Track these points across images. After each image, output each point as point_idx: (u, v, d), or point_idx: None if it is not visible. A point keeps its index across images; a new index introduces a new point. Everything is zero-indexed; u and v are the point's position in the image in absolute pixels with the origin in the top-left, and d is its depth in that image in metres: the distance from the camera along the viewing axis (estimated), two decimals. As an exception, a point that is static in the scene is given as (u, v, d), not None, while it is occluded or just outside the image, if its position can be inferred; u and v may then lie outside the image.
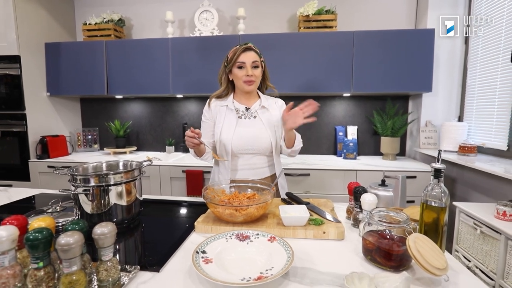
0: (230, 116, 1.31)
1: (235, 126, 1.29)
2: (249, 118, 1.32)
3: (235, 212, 0.91)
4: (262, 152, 1.32)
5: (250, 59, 1.24)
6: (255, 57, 1.25)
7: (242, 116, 1.33)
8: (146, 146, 2.95)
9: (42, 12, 2.54)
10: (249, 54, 1.24)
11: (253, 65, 1.25)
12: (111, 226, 0.65)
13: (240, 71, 1.25)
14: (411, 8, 2.52)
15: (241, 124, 1.31)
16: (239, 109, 1.34)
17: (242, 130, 1.29)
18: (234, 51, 1.26)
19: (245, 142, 1.28)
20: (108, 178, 0.92)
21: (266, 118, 1.32)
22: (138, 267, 0.71)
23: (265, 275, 0.64)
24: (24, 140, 2.43)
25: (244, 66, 1.24)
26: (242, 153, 1.30)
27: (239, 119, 1.31)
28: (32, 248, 0.57)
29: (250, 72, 1.24)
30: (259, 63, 1.27)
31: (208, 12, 2.55)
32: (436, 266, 0.63)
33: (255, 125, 1.31)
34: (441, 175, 0.77)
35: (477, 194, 1.85)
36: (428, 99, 2.41)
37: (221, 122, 1.31)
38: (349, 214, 1.04)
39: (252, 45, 1.26)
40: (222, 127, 1.30)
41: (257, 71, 1.27)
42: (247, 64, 1.23)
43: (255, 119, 1.32)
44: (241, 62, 1.24)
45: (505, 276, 1.25)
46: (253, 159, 1.31)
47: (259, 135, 1.29)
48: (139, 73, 2.49)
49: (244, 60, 1.23)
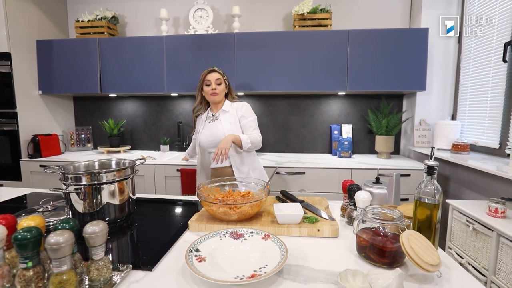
0: (201, 123, 1.73)
1: (203, 128, 1.69)
2: (213, 121, 1.68)
3: (229, 210, 0.91)
4: None
5: (214, 78, 1.64)
6: (218, 76, 1.65)
7: (210, 121, 1.69)
8: (140, 145, 2.93)
9: (33, 9, 2.50)
10: (213, 74, 1.64)
11: (217, 82, 1.64)
12: (102, 225, 0.64)
13: (208, 87, 1.65)
14: (405, 7, 2.54)
15: (207, 126, 1.69)
16: (209, 116, 1.72)
17: (206, 130, 1.67)
18: (202, 74, 1.67)
19: (209, 139, 1.64)
20: (100, 177, 0.91)
21: (225, 118, 1.66)
22: (130, 266, 0.70)
23: (258, 273, 0.64)
24: (15, 139, 2.38)
25: (210, 83, 1.64)
26: (207, 148, 1.67)
27: (208, 124, 1.69)
28: (21, 248, 0.55)
29: (214, 86, 1.63)
30: (222, 80, 1.67)
31: (203, 10, 2.54)
32: (429, 263, 0.64)
33: (216, 125, 1.66)
34: (434, 172, 0.77)
35: (470, 192, 1.87)
36: (422, 98, 2.43)
37: (198, 127, 1.76)
38: (344, 212, 1.04)
39: (216, 68, 1.68)
40: (198, 132, 1.72)
41: (220, 87, 1.65)
42: (212, 81, 1.63)
43: (217, 121, 1.67)
44: (207, 80, 1.64)
45: (496, 272, 1.26)
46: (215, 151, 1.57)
47: (217, 132, 1.63)
48: (133, 71, 2.46)
49: (210, 78, 1.64)
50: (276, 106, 2.73)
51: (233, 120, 1.65)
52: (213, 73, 1.65)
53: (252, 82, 2.37)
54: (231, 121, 1.65)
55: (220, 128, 1.63)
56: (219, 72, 1.68)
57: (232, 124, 1.64)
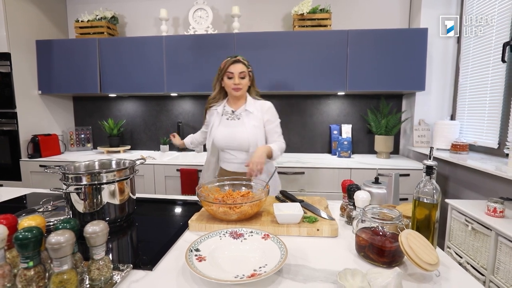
0: (217, 117, 1.53)
1: (218, 125, 1.51)
2: (233, 120, 1.50)
3: (229, 210, 0.91)
4: (241, 149, 1.48)
5: (238, 70, 1.42)
6: (242, 68, 1.44)
7: (229, 118, 1.51)
8: (140, 145, 2.93)
9: (33, 9, 2.50)
10: (237, 66, 1.42)
11: (241, 76, 1.43)
12: (102, 225, 0.64)
13: (229, 80, 1.44)
14: (404, 7, 2.54)
15: (225, 124, 1.51)
16: (227, 112, 1.53)
17: (224, 129, 1.49)
18: (225, 62, 1.45)
19: (225, 138, 1.48)
20: (101, 177, 0.91)
21: (249, 120, 1.48)
22: (130, 266, 0.70)
23: (258, 273, 0.64)
24: (15, 139, 2.38)
25: (233, 76, 1.43)
26: (223, 148, 1.51)
27: (225, 120, 1.51)
28: (22, 248, 0.56)
29: (237, 81, 1.43)
30: (246, 73, 1.46)
31: (202, 10, 2.54)
32: (428, 262, 0.64)
33: (237, 125, 1.48)
34: (433, 172, 0.78)
35: (469, 191, 1.88)
36: (421, 98, 2.44)
37: (212, 122, 1.55)
38: (343, 212, 1.05)
39: (240, 58, 1.45)
40: (212, 126, 1.53)
41: (244, 81, 1.45)
42: (235, 74, 1.42)
43: (238, 121, 1.49)
44: (230, 73, 1.43)
45: (495, 271, 1.27)
46: (233, 153, 1.50)
47: (237, 134, 1.46)
48: (133, 71, 2.46)
49: (233, 70, 1.42)
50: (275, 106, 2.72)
51: (257, 123, 1.47)
52: (238, 64, 1.43)
53: (251, 82, 2.37)
54: (255, 124, 1.46)
55: (242, 130, 1.46)
56: (244, 62, 1.45)
57: (256, 128, 1.46)
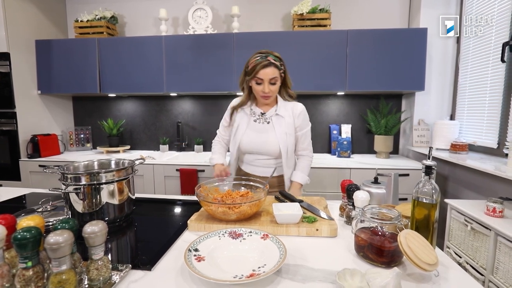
0: (245, 119, 1.40)
1: (245, 128, 1.38)
2: (262, 123, 1.38)
3: (228, 210, 0.91)
4: (270, 155, 1.39)
5: (268, 76, 1.26)
6: (274, 73, 1.27)
7: (257, 120, 1.39)
8: (140, 145, 2.93)
9: (32, 9, 2.50)
10: (267, 71, 1.25)
11: (271, 82, 1.28)
12: (101, 225, 0.64)
13: (258, 86, 1.30)
14: (404, 7, 2.55)
15: (252, 127, 1.38)
16: (256, 113, 1.40)
17: (252, 134, 1.37)
18: (254, 63, 1.27)
19: (254, 144, 1.37)
20: (100, 177, 0.91)
21: (279, 125, 1.36)
22: (129, 266, 0.70)
23: (257, 273, 0.64)
24: (14, 139, 2.38)
25: (262, 83, 1.28)
26: (251, 153, 1.40)
27: (253, 123, 1.39)
28: (20, 248, 0.55)
29: (267, 90, 1.28)
30: (278, 78, 1.30)
31: (202, 10, 2.54)
32: (427, 262, 0.64)
33: (267, 130, 1.37)
34: (432, 172, 0.78)
35: (468, 191, 1.88)
36: (420, 98, 2.44)
37: (237, 122, 1.41)
38: (342, 212, 1.05)
39: (272, 59, 1.26)
40: (237, 127, 1.40)
41: (275, 87, 1.30)
42: (265, 80, 1.27)
43: (268, 125, 1.37)
44: (259, 79, 1.27)
45: (494, 271, 1.27)
46: (260, 158, 1.40)
47: (267, 140, 1.36)
48: (132, 71, 2.46)
49: (262, 77, 1.26)
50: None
51: (289, 130, 1.35)
52: (268, 68, 1.24)
53: (251, 82, 2.37)
54: (287, 131, 1.35)
55: (272, 135, 1.35)
56: (276, 65, 1.27)
57: (287, 135, 1.35)
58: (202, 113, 2.80)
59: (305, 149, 1.43)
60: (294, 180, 1.40)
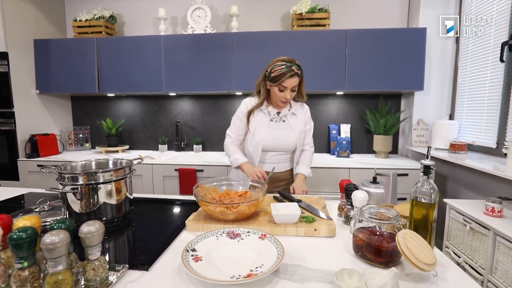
0: (264, 119, 1.48)
1: (267, 128, 1.46)
2: (279, 122, 1.49)
3: (226, 210, 0.91)
4: (286, 150, 1.52)
5: (292, 85, 1.36)
6: (296, 81, 1.37)
7: (274, 120, 1.49)
8: (139, 145, 2.92)
9: (31, 8, 2.49)
10: (292, 80, 1.35)
11: (292, 89, 1.38)
12: (98, 225, 0.63)
13: (280, 92, 1.38)
14: (403, 7, 2.54)
15: (272, 126, 1.47)
16: (271, 113, 1.49)
17: (273, 132, 1.47)
18: (279, 73, 1.33)
19: (274, 143, 1.47)
20: (97, 176, 0.91)
21: (295, 122, 1.49)
22: (126, 266, 0.70)
23: (255, 273, 0.64)
24: (12, 139, 2.38)
25: (285, 90, 1.37)
26: (270, 150, 1.50)
27: (271, 122, 1.48)
28: (16, 248, 0.55)
29: (288, 96, 1.38)
30: (297, 85, 1.40)
31: (201, 10, 2.53)
32: (425, 262, 0.64)
33: (285, 128, 1.48)
34: (430, 171, 0.78)
35: (467, 191, 1.88)
36: (420, 98, 2.44)
37: (255, 122, 1.48)
38: (341, 211, 1.05)
39: (295, 68, 1.34)
40: (255, 127, 1.47)
41: (294, 93, 1.42)
42: (288, 88, 1.37)
43: (284, 123, 1.49)
44: (283, 86, 1.36)
45: (493, 271, 1.27)
46: (278, 155, 1.52)
47: (286, 137, 1.47)
48: (131, 70, 2.46)
49: (287, 85, 1.35)
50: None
51: (302, 127, 1.51)
52: (293, 78, 1.34)
53: (250, 82, 2.35)
54: (301, 128, 1.50)
55: (289, 132, 1.47)
56: (299, 74, 1.37)
57: (301, 132, 1.50)
58: (201, 112, 2.80)
59: (308, 143, 1.57)
60: (299, 172, 1.49)
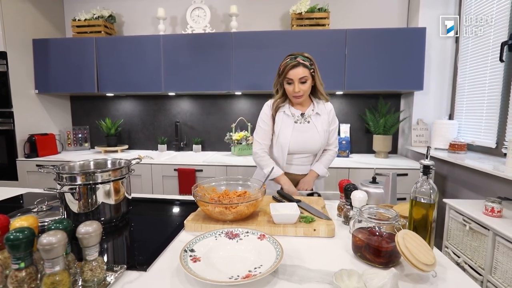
0: (287, 121, 1.43)
1: (291, 130, 1.41)
2: (303, 123, 1.43)
3: (225, 210, 0.90)
4: (311, 152, 1.47)
5: (298, 76, 1.31)
6: (303, 72, 1.32)
7: (298, 121, 1.43)
8: (138, 145, 2.92)
9: (30, 7, 2.48)
10: (297, 71, 1.31)
11: (301, 81, 1.33)
12: (96, 225, 0.63)
13: (289, 86, 1.36)
14: (403, 7, 2.54)
15: (297, 128, 1.42)
16: (295, 115, 1.44)
17: (298, 135, 1.41)
18: (284, 65, 1.34)
19: (300, 145, 1.42)
20: (95, 176, 0.90)
21: (319, 123, 1.43)
22: (124, 267, 0.69)
23: (253, 273, 0.64)
24: (11, 139, 2.37)
25: (292, 82, 1.34)
26: (296, 153, 1.45)
27: (295, 124, 1.42)
28: (13, 248, 0.55)
29: (297, 89, 1.33)
30: (308, 77, 1.34)
31: (200, 9, 2.53)
32: (424, 262, 0.64)
33: (310, 129, 1.42)
34: (429, 171, 0.77)
35: (467, 191, 1.88)
36: (419, 98, 2.44)
37: (279, 125, 1.43)
38: (340, 212, 1.04)
39: (301, 59, 1.31)
40: (280, 130, 1.42)
41: (305, 86, 1.34)
42: (295, 80, 1.32)
43: (309, 124, 1.43)
44: (289, 79, 1.34)
45: (493, 271, 1.27)
46: (303, 157, 1.47)
47: (312, 139, 1.42)
48: (130, 70, 2.45)
49: (292, 77, 1.32)
50: (274, 105, 2.72)
51: (326, 127, 1.44)
52: (298, 68, 1.30)
53: (249, 82, 2.36)
54: (325, 128, 1.43)
55: (315, 134, 1.41)
56: (305, 64, 1.32)
57: (325, 132, 1.44)
58: (201, 112, 2.79)
59: (332, 144, 1.52)
60: (313, 169, 1.48)
